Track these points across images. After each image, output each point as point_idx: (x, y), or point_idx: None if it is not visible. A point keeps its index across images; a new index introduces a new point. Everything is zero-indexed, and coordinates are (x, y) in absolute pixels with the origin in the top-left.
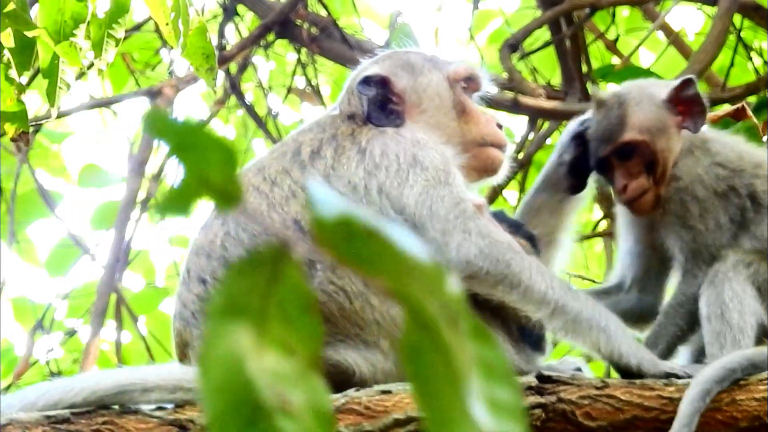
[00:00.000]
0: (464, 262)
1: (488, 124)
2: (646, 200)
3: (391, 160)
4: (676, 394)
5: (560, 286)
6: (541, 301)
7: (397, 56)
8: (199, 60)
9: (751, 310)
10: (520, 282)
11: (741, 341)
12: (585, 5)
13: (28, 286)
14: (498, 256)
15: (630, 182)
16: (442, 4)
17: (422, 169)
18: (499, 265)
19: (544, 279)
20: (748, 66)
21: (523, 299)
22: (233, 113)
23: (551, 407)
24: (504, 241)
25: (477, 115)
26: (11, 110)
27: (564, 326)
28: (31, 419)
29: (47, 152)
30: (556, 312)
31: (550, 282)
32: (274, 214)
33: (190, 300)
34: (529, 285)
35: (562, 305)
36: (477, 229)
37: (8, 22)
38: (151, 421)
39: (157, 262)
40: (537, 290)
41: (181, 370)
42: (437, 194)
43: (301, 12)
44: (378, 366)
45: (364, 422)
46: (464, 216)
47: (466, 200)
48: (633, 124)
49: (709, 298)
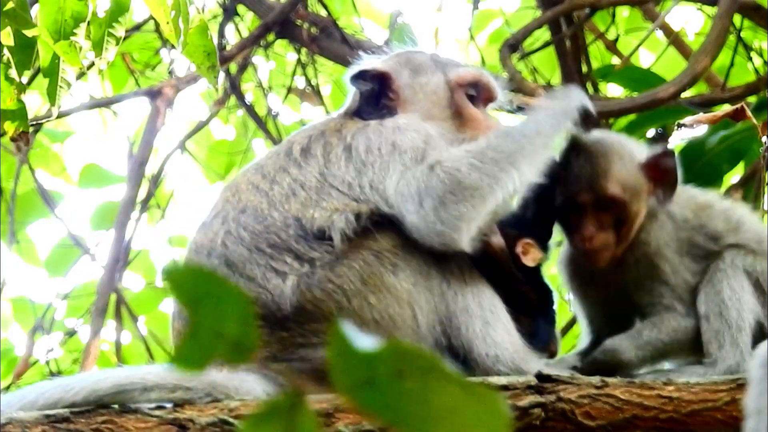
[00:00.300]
0: (435, 234)
1: (486, 132)
2: (606, 256)
3: (375, 155)
4: (675, 394)
5: (503, 149)
6: (507, 174)
7: (403, 54)
8: (201, 58)
9: (749, 308)
10: (487, 188)
11: (739, 340)
12: (585, 5)
13: (28, 286)
14: (457, 217)
15: (598, 233)
16: (442, 4)
17: (400, 153)
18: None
19: (495, 157)
20: (748, 66)
21: (502, 186)
22: (233, 113)
23: (551, 406)
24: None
25: (474, 121)
26: (11, 109)
27: (532, 165)
28: (31, 418)
29: (47, 152)
30: (519, 168)
31: (493, 157)
32: (275, 212)
33: None
34: (489, 182)
35: (519, 158)
36: (443, 196)
37: (8, 21)
38: (151, 420)
39: (157, 262)
40: (498, 173)
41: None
42: (412, 175)
43: (301, 12)
44: None
45: (364, 421)
46: (431, 185)
47: (441, 161)
48: (618, 179)
49: (707, 296)
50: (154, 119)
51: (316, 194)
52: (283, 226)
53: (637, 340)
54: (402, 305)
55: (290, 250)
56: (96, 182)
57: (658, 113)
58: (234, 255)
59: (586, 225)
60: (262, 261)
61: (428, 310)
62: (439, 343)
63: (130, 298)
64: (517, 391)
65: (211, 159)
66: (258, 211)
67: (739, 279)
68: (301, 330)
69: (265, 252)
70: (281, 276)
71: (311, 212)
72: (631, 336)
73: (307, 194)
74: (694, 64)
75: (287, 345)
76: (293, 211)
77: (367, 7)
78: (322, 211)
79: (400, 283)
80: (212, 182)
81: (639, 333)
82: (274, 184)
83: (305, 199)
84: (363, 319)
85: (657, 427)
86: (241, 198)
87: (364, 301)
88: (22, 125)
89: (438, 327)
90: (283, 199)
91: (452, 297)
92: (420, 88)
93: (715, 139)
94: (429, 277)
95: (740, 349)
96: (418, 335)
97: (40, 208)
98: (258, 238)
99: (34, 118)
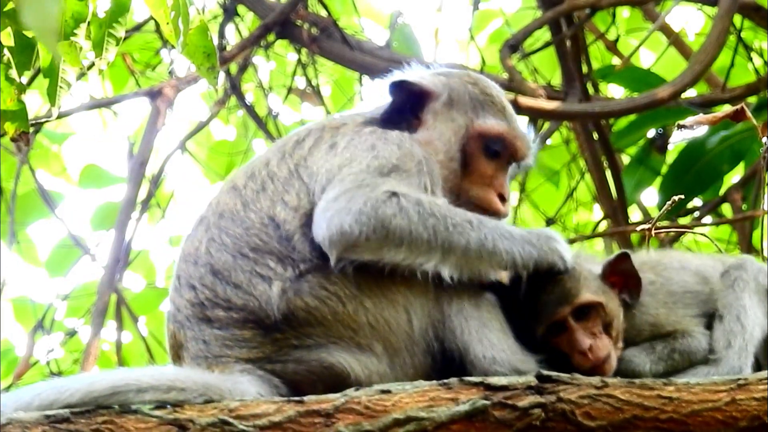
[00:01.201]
0: (338, 233)
1: (487, 192)
2: (613, 362)
3: (351, 150)
4: (675, 394)
5: (443, 226)
6: (427, 249)
7: (453, 78)
8: (200, 58)
9: (760, 322)
10: (401, 240)
11: (748, 346)
12: (585, 6)
13: (28, 286)
14: (376, 220)
15: (595, 341)
16: (442, 4)
17: (374, 156)
18: (377, 230)
19: (426, 226)
20: (749, 66)
21: (409, 256)
22: (233, 113)
23: (551, 407)
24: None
25: (480, 176)
26: (11, 110)
27: (458, 266)
28: (31, 419)
29: (48, 153)
30: (445, 255)
31: (432, 225)
32: (251, 213)
33: (182, 305)
34: (411, 239)
35: (448, 245)
36: (362, 200)
37: (8, 21)
38: (151, 421)
39: (157, 262)
40: (420, 241)
41: (174, 371)
42: (363, 176)
43: (301, 12)
44: (372, 369)
45: (364, 422)
46: (366, 196)
47: (381, 186)
48: (588, 287)
49: (727, 298)
50: (155, 119)
51: (282, 186)
52: (261, 226)
53: (652, 354)
54: (398, 308)
55: (272, 252)
56: (96, 182)
57: (659, 114)
58: (219, 263)
59: (580, 339)
60: (247, 267)
61: (422, 314)
62: (431, 347)
63: (130, 299)
64: (517, 391)
65: (212, 159)
66: (234, 213)
67: (756, 291)
68: (295, 332)
69: (248, 257)
70: (267, 281)
71: (278, 209)
72: (646, 349)
73: (274, 187)
74: (694, 65)
75: (282, 347)
76: (265, 209)
77: (367, 7)
78: (284, 207)
79: (395, 285)
80: (213, 182)
81: (653, 348)
82: (251, 179)
83: (272, 192)
84: (358, 323)
85: (657, 427)
86: (220, 201)
87: (360, 305)
88: (23, 125)
89: (431, 331)
90: (255, 197)
91: (447, 300)
92: (444, 120)
93: (716, 140)
94: (423, 281)
95: (746, 354)
96: (412, 339)
97: (41, 209)
98: (239, 242)
99: (35, 118)
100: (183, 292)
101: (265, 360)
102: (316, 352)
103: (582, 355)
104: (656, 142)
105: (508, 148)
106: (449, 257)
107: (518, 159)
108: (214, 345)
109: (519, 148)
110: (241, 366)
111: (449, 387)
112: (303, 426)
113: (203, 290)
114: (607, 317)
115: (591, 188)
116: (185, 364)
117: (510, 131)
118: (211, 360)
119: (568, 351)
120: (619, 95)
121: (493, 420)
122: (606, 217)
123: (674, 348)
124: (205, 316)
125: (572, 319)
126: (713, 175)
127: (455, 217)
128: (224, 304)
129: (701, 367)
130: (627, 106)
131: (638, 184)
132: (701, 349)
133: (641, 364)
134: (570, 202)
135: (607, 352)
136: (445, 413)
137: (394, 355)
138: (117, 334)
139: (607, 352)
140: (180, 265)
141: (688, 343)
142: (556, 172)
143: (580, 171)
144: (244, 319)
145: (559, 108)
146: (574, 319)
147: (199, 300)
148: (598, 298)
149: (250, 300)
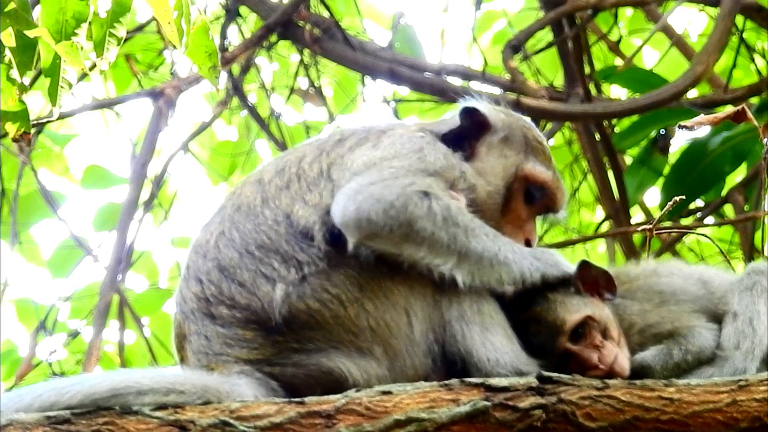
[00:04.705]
0: (366, 219)
1: (517, 234)
2: (625, 364)
3: (397, 148)
4: (676, 395)
5: (463, 234)
6: (446, 253)
7: (512, 118)
8: (202, 58)
9: None
10: (423, 240)
11: (756, 350)
12: (588, 6)
13: (31, 287)
14: (404, 217)
15: (600, 352)
16: (446, 5)
17: (419, 158)
18: (402, 226)
19: (448, 232)
20: (751, 67)
21: (427, 256)
22: (236, 114)
23: (552, 408)
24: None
25: (514, 219)
26: (13, 110)
27: (470, 272)
28: (32, 420)
29: (50, 153)
30: (460, 260)
31: (454, 233)
32: (267, 210)
33: (189, 296)
34: (431, 242)
35: (465, 252)
36: (393, 204)
37: (10, 22)
38: (152, 422)
39: (160, 263)
40: (440, 245)
41: (174, 372)
42: (403, 172)
43: (303, 13)
44: (371, 372)
45: (365, 423)
46: (399, 190)
47: (428, 186)
48: (568, 310)
49: (743, 299)
50: (157, 120)
51: (307, 186)
52: (273, 223)
53: (665, 357)
54: (398, 311)
55: (278, 252)
56: (99, 183)
57: (661, 115)
58: (225, 259)
59: (586, 359)
60: (252, 265)
61: (422, 317)
62: (431, 350)
63: (133, 299)
64: (518, 392)
65: (214, 160)
66: (251, 208)
67: None
68: (296, 336)
69: (254, 255)
70: (270, 283)
71: (296, 208)
72: (660, 352)
73: (299, 186)
74: (696, 66)
75: (282, 349)
76: (283, 206)
77: (369, 8)
78: (303, 205)
79: (397, 287)
80: (215, 183)
81: (668, 351)
82: (278, 175)
83: (295, 192)
84: (359, 326)
85: (658, 428)
86: (242, 192)
87: (361, 308)
88: (24, 126)
89: (431, 335)
90: (276, 193)
91: (446, 305)
92: (497, 156)
93: (718, 141)
94: (424, 284)
95: (752, 358)
96: (412, 342)
97: (43, 209)
98: (247, 238)
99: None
100: (191, 285)
101: (264, 362)
102: (315, 356)
103: (594, 368)
104: (658, 143)
105: (547, 197)
106: (464, 263)
107: (553, 210)
108: (216, 342)
109: (557, 200)
110: (240, 367)
111: (450, 388)
112: (304, 427)
113: (209, 286)
114: (600, 325)
115: (593, 189)
116: (188, 356)
117: (554, 182)
118: (212, 357)
119: (582, 371)
120: (621, 96)
121: (493, 421)
122: (608, 217)
123: (687, 349)
124: (209, 312)
125: (571, 344)
126: (715, 175)
127: (476, 228)
128: (228, 302)
129: (706, 368)
130: (629, 106)
131: (640, 184)
132: (708, 346)
133: (654, 367)
134: (572, 203)
135: (614, 356)
136: (446, 414)
137: (393, 358)
138: (119, 334)
139: (613, 355)
140: (191, 255)
141: (695, 341)
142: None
143: (583, 172)
144: (247, 319)
145: (561, 109)
146: (572, 343)
147: (204, 295)
148: (583, 313)
149: (253, 300)
